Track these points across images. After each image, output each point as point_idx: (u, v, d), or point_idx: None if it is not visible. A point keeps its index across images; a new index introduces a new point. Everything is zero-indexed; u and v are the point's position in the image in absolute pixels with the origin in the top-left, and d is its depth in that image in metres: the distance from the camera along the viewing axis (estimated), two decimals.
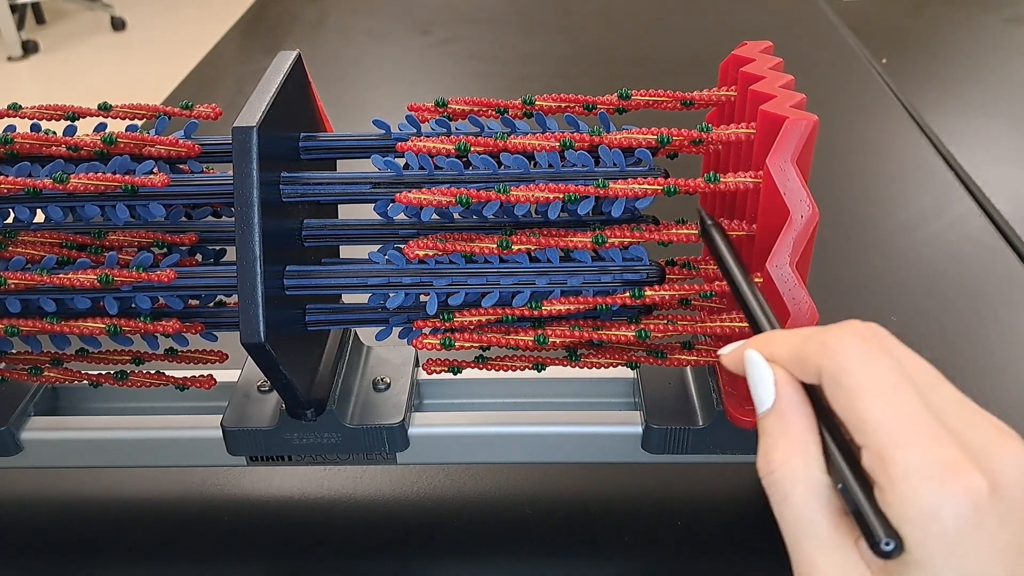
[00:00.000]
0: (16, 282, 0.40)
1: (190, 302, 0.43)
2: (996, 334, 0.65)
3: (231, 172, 0.37)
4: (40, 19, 3.31)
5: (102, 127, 0.43)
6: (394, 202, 0.39)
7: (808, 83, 0.42)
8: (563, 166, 0.40)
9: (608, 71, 1.13)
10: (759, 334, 0.30)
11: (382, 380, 0.48)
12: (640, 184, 0.38)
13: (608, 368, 0.43)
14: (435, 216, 0.40)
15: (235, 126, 0.37)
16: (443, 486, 0.52)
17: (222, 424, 0.45)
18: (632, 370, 0.48)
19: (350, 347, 0.49)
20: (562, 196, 0.38)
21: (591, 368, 0.43)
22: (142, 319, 0.41)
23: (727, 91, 0.43)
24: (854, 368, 0.24)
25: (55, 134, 0.42)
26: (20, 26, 2.99)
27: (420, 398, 0.51)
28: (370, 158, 0.42)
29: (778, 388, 0.27)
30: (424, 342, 0.40)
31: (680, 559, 0.48)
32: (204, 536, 0.50)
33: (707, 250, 0.38)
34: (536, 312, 0.40)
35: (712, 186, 0.38)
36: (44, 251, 0.42)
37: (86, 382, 0.46)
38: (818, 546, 0.24)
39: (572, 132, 0.40)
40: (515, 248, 0.39)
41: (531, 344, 0.40)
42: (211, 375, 0.46)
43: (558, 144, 0.40)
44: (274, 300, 0.38)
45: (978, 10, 1.32)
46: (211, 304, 0.44)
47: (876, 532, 0.23)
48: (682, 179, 0.39)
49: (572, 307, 0.40)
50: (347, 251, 0.46)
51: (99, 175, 0.39)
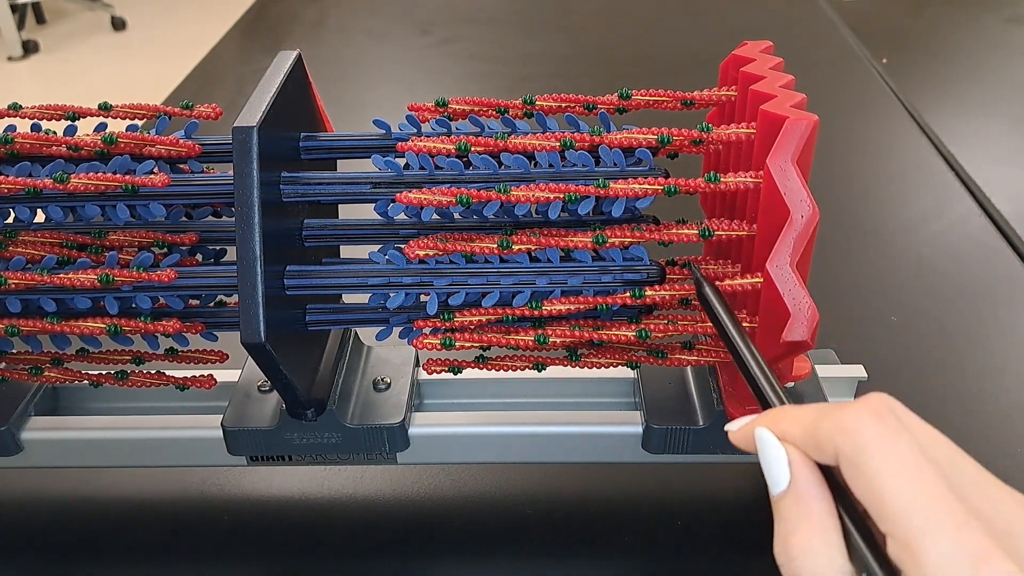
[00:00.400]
0: (16, 282, 0.40)
1: (190, 302, 0.43)
2: (996, 334, 0.65)
3: (231, 172, 0.37)
4: (40, 19, 3.31)
5: (102, 127, 0.43)
6: (394, 202, 0.39)
7: (808, 83, 0.42)
8: (563, 166, 0.40)
9: (608, 71, 1.13)
10: (769, 410, 0.29)
11: (382, 380, 0.48)
12: (640, 184, 0.38)
13: (608, 368, 0.43)
14: (435, 216, 0.40)
15: (235, 126, 0.37)
16: (443, 486, 0.52)
17: (222, 424, 0.45)
18: (632, 370, 0.48)
19: (350, 347, 0.49)
20: (562, 196, 0.38)
21: (591, 368, 0.42)
22: (142, 319, 0.41)
23: (727, 91, 0.43)
24: (873, 451, 0.23)
25: (55, 134, 0.42)
26: (20, 26, 2.99)
27: (420, 398, 0.51)
28: (370, 158, 0.42)
29: (793, 469, 0.26)
30: (424, 342, 0.40)
31: (680, 559, 0.48)
32: (204, 536, 0.50)
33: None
34: (536, 312, 0.40)
35: (712, 186, 0.38)
36: (44, 251, 0.42)
37: (86, 382, 0.46)
38: None
39: (572, 132, 0.40)
40: (515, 248, 0.39)
41: (531, 344, 0.40)
42: (211, 375, 0.46)
43: (558, 144, 0.40)
44: (274, 300, 0.38)
45: (978, 10, 1.32)
46: (211, 304, 0.44)
47: None
48: (682, 179, 0.39)
49: (572, 307, 0.40)
50: (347, 251, 0.46)
51: (99, 175, 0.39)
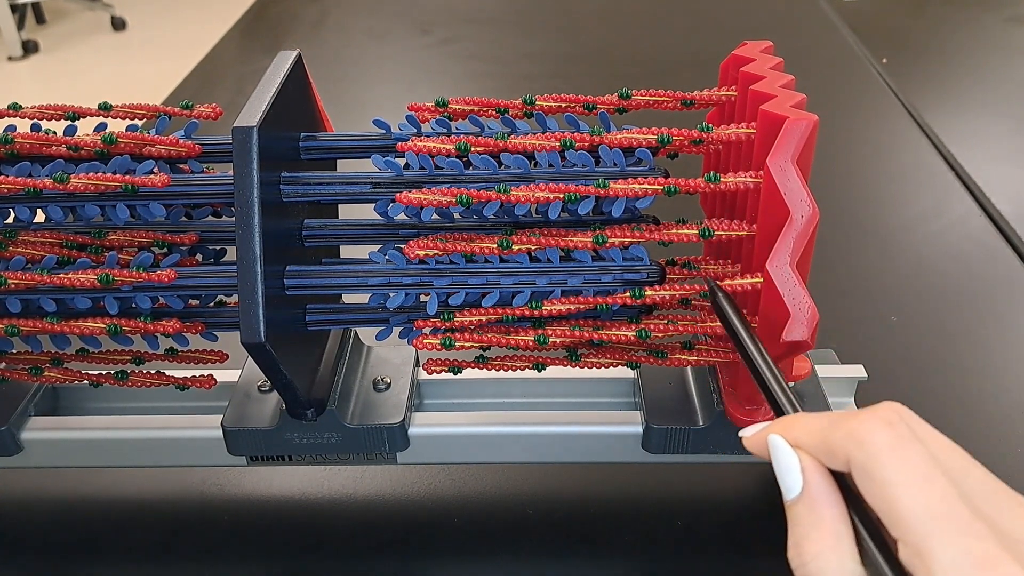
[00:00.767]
0: (16, 282, 0.40)
1: (190, 302, 0.43)
2: (996, 334, 0.65)
3: (231, 172, 0.37)
4: (40, 19, 3.31)
5: (102, 127, 0.43)
6: (394, 202, 0.39)
7: (808, 83, 0.42)
8: (563, 166, 0.40)
9: (608, 71, 1.13)
10: (782, 417, 0.29)
11: (382, 380, 0.48)
12: (640, 184, 0.38)
13: (608, 368, 0.43)
14: (435, 216, 0.40)
15: (235, 126, 0.37)
16: (443, 486, 0.52)
17: (222, 424, 0.45)
18: (632, 370, 0.48)
19: (350, 347, 0.49)
20: (562, 196, 0.38)
21: (591, 368, 0.42)
22: (142, 319, 0.41)
23: (727, 91, 0.43)
24: (884, 459, 0.24)
25: (55, 134, 0.42)
26: (20, 26, 2.99)
27: (420, 398, 0.51)
28: (370, 158, 0.42)
29: (806, 476, 0.26)
30: (424, 342, 0.40)
31: (680, 559, 0.48)
32: (204, 536, 0.50)
33: (721, 327, 0.37)
34: (536, 312, 0.40)
35: (712, 186, 0.38)
36: (44, 251, 0.42)
37: (86, 382, 0.46)
38: None
39: (572, 132, 0.40)
40: (515, 248, 0.39)
41: (531, 344, 0.40)
42: (211, 375, 0.46)
43: (558, 144, 0.40)
44: (274, 300, 0.38)
45: (978, 10, 1.32)
46: (211, 304, 0.44)
47: None
48: (682, 179, 0.39)
49: (572, 307, 0.40)
50: (347, 251, 0.46)
51: (99, 175, 0.39)
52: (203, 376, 0.46)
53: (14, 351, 0.45)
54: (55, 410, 0.51)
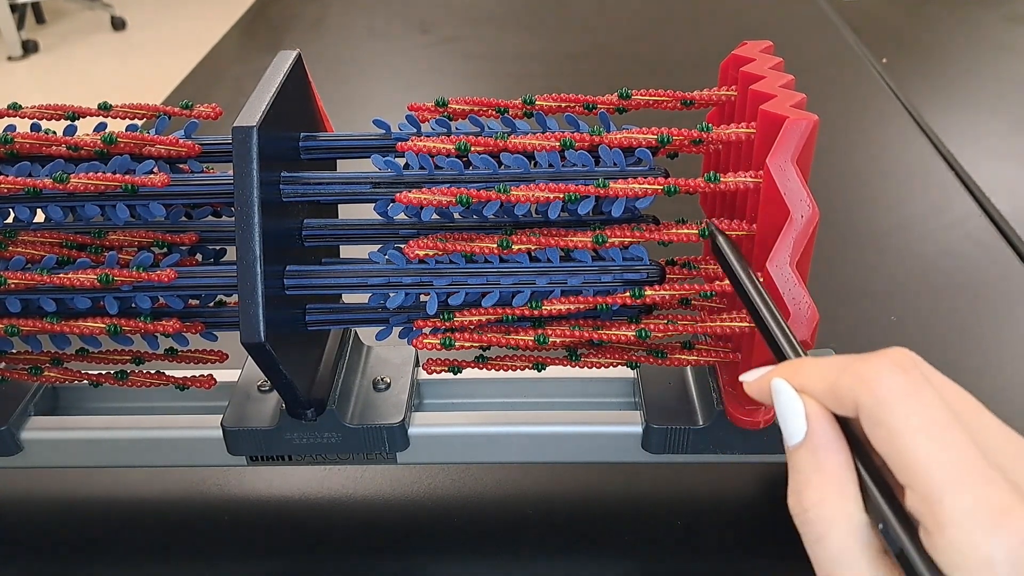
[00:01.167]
0: (16, 282, 0.40)
1: (190, 302, 0.43)
2: (995, 334, 0.65)
3: (231, 172, 0.37)
4: (40, 19, 3.31)
5: (102, 127, 0.43)
6: (394, 202, 0.39)
7: (808, 83, 0.42)
8: (563, 166, 0.40)
9: (608, 71, 1.13)
10: (786, 361, 0.28)
11: (382, 380, 0.48)
12: (640, 184, 0.38)
13: (608, 368, 0.43)
14: (435, 216, 0.40)
15: (235, 126, 0.37)
16: (443, 486, 0.52)
17: (222, 424, 0.46)
18: (632, 370, 0.48)
19: (350, 347, 0.49)
20: (562, 196, 0.38)
21: (591, 368, 0.42)
22: (142, 319, 0.41)
23: (727, 91, 0.43)
24: (896, 405, 0.23)
25: (55, 134, 0.42)
26: (20, 26, 2.99)
27: (420, 398, 0.51)
28: (370, 158, 0.42)
29: (810, 421, 0.25)
30: (424, 342, 0.40)
31: (680, 559, 0.48)
32: (204, 536, 0.50)
33: (721, 271, 0.36)
34: (536, 312, 0.40)
35: (712, 186, 0.38)
36: (44, 251, 0.42)
37: (86, 382, 0.46)
38: None
39: (572, 132, 0.40)
40: (515, 248, 0.39)
41: (531, 344, 0.40)
42: (211, 375, 0.46)
43: (558, 144, 0.40)
44: (274, 300, 0.38)
45: (978, 9, 1.32)
46: (211, 304, 0.44)
47: None
48: (682, 179, 0.39)
49: (572, 307, 0.40)
50: (347, 251, 0.46)
51: (99, 175, 0.39)
52: (203, 376, 0.46)
53: (14, 351, 0.45)
54: (55, 410, 0.51)
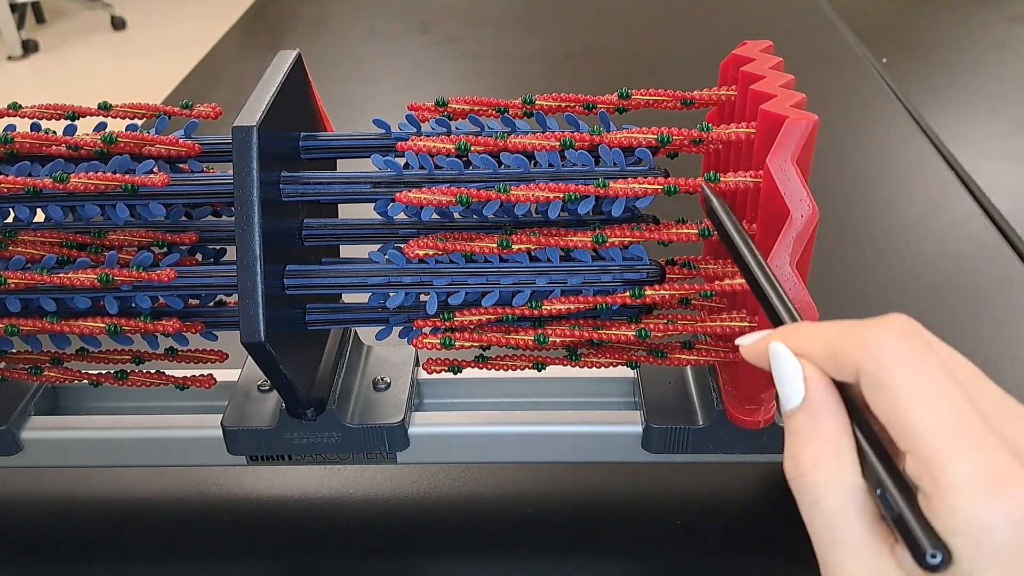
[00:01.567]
0: (16, 281, 0.40)
1: (190, 301, 0.43)
2: (995, 334, 0.65)
3: (231, 171, 0.37)
4: (40, 18, 3.31)
5: (102, 126, 0.43)
6: (394, 201, 0.39)
7: (808, 82, 0.42)
8: (563, 165, 0.40)
9: (608, 70, 1.13)
10: (785, 325, 0.28)
11: (382, 379, 0.48)
12: (640, 183, 0.38)
13: (608, 368, 0.43)
14: (435, 216, 0.40)
15: (235, 125, 0.37)
16: (443, 485, 0.52)
17: (222, 424, 0.45)
18: (632, 370, 0.48)
19: (350, 346, 0.49)
20: (562, 195, 0.38)
21: (591, 367, 0.42)
22: (142, 318, 0.41)
23: (727, 90, 0.43)
24: (897, 369, 0.23)
25: (55, 133, 0.42)
26: (20, 25, 2.99)
27: (420, 397, 0.51)
28: (370, 157, 0.42)
29: (808, 385, 0.25)
30: (424, 341, 0.40)
31: (680, 559, 0.48)
32: (204, 536, 0.50)
33: (716, 236, 0.35)
34: (536, 311, 0.40)
35: (712, 186, 0.38)
36: (44, 250, 0.42)
37: (86, 381, 0.46)
38: (853, 554, 0.23)
39: (572, 131, 0.40)
40: (515, 247, 0.39)
41: (531, 343, 0.40)
42: (211, 374, 0.46)
43: (558, 144, 0.40)
44: (274, 300, 0.38)
45: (978, 9, 1.32)
46: (211, 303, 0.44)
47: (922, 543, 0.22)
48: (682, 179, 0.39)
49: (572, 306, 0.40)
50: (347, 251, 0.46)
51: (99, 174, 0.39)
52: (203, 376, 0.46)
53: (14, 351, 0.45)
54: (55, 409, 0.51)
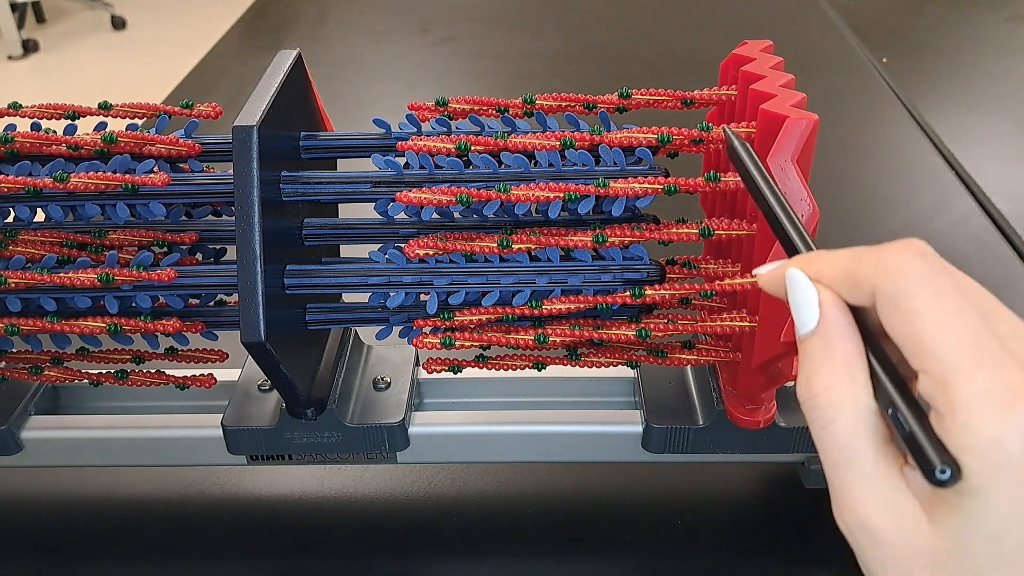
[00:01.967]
0: (16, 281, 0.40)
1: (190, 301, 0.43)
2: None
3: (231, 171, 0.37)
4: (40, 18, 3.31)
5: (102, 126, 0.43)
6: (394, 201, 0.39)
7: (808, 82, 0.42)
8: (563, 165, 0.40)
9: (608, 70, 1.13)
10: (801, 254, 0.28)
11: (382, 379, 0.48)
12: (640, 183, 0.38)
13: (608, 367, 0.43)
14: (435, 215, 0.40)
15: (235, 125, 0.37)
16: (443, 485, 0.52)
17: (222, 423, 0.45)
18: (632, 369, 0.48)
19: (350, 346, 0.49)
20: (562, 195, 0.38)
21: (591, 367, 0.42)
22: (142, 318, 0.41)
23: (727, 90, 0.43)
24: (915, 289, 0.23)
25: (55, 133, 0.42)
26: (20, 25, 2.99)
27: (420, 397, 0.51)
28: (370, 157, 0.42)
29: (823, 309, 0.25)
30: (424, 341, 0.40)
31: (680, 559, 0.48)
32: (204, 535, 0.50)
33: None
34: (536, 311, 0.40)
35: (712, 185, 0.38)
36: (44, 250, 0.42)
37: (86, 381, 0.46)
38: (862, 474, 0.23)
39: (573, 131, 0.40)
40: (515, 247, 0.39)
41: (531, 343, 0.40)
42: (211, 374, 0.46)
43: (558, 143, 0.40)
44: (274, 299, 0.38)
45: (978, 9, 1.32)
46: (211, 303, 0.44)
47: (931, 459, 0.22)
48: (682, 178, 0.39)
49: (572, 306, 0.40)
50: (347, 250, 0.46)
51: (99, 174, 0.39)
52: (203, 375, 0.46)
53: (14, 350, 0.45)
54: (55, 409, 0.51)
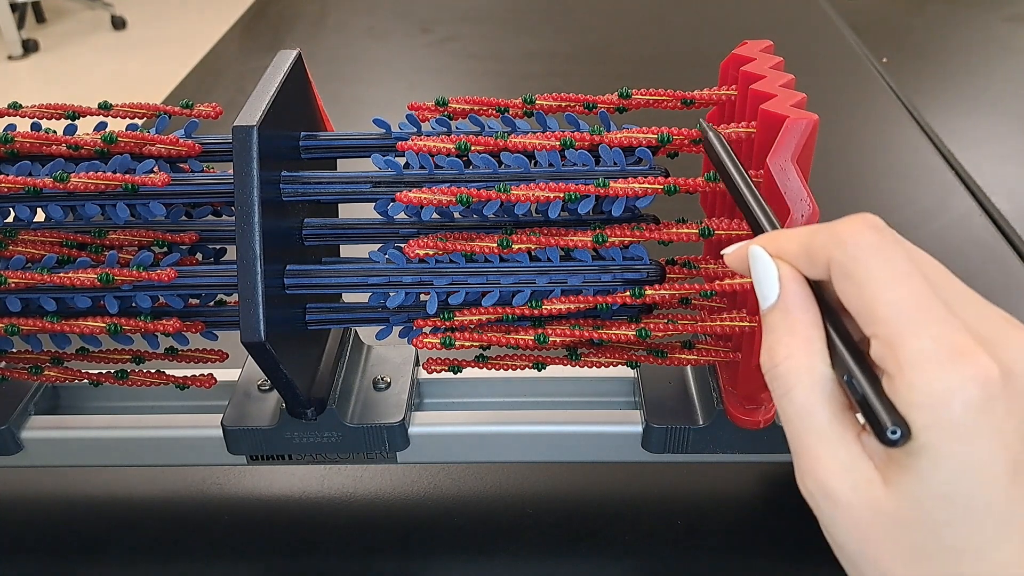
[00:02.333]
0: (16, 281, 0.40)
1: (190, 301, 0.43)
2: None
3: (231, 171, 0.37)
4: (40, 18, 3.30)
5: (102, 126, 0.43)
6: (394, 201, 0.39)
7: (808, 82, 0.42)
8: (563, 165, 0.40)
9: (608, 70, 1.13)
10: (764, 233, 0.29)
11: (382, 379, 0.48)
12: (640, 183, 0.38)
13: (608, 367, 0.43)
14: (435, 215, 0.40)
15: (235, 125, 0.37)
16: (443, 485, 0.52)
17: (222, 423, 0.46)
18: (632, 369, 0.48)
19: (350, 346, 0.49)
20: (562, 195, 0.38)
21: (591, 367, 0.42)
22: (142, 318, 0.41)
23: (727, 90, 0.43)
24: (865, 257, 0.24)
25: (55, 133, 0.42)
26: (20, 25, 2.99)
27: (420, 397, 0.51)
28: (370, 157, 0.42)
29: (783, 283, 0.26)
30: (424, 341, 0.40)
31: (680, 559, 0.48)
32: (204, 535, 0.50)
33: (706, 158, 0.37)
34: (536, 311, 0.40)
35: (712, 185, 0.38)
36: (44, 250, 0.42)
37: (86, 381, 0.46)
38: (820, 439, 0.24)
39: (572, 131, 0.40)
40: (515, 247, 0.39)
41: (531, 343, 0.40)
42: (211, 374, 0.46)
43: (558, 143, 0.40)
44: (274, 299, 0.38)
45: (978, 9, 1.32)
46: (211, 303, 0.44)
47: (882, 420, 0.22)
48: (682, 178, 0.39)
49: (572, 306, 0.40)
50: (347, 250, 0.46)
51: (99, 174, 0.39)
52: (203, 375, 0.46)
53: (14, 350, 0.45)
54: (55, 409, 0.51)
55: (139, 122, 0.45)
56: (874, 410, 0.23)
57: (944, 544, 0.22)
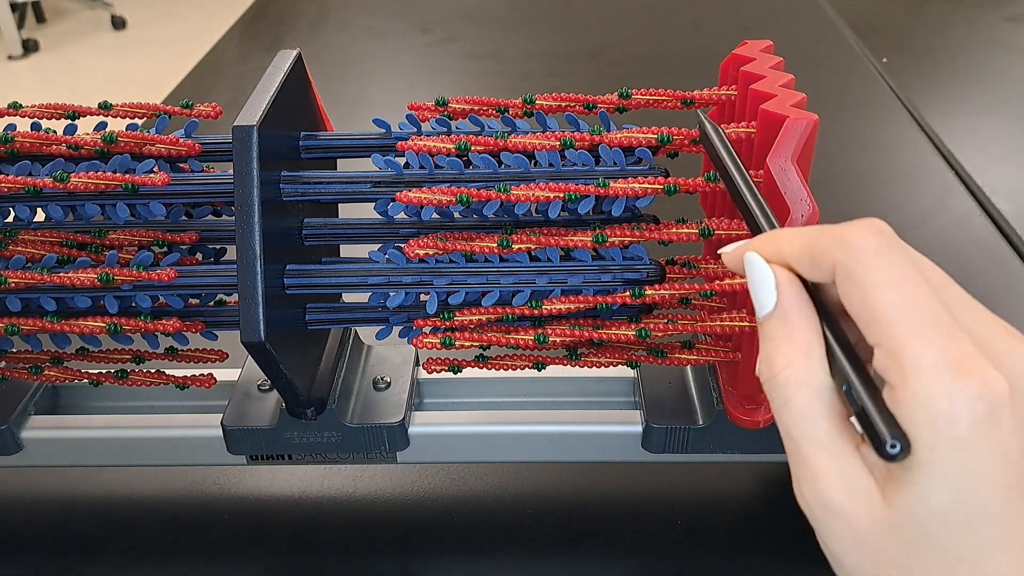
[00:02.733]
0: (16, 281, 0.40)
1: (190, 301, 0.43)
2: None
3: (231, 171, 0.37)
4: (40, 18, 3.30)
5: (102, 126, 0.43)
6: (394, 201, 0.39)
7: (808, 82, 0.42)
8: (563, 165, 0.40)
9: (608, 70, 1.13)
10: (762, 234, 0.28)
11: (382, 379, 0.48)
12: (640, 183, 0.38)
13: (608, 367, 0.43)
14: (435, 215, 0.40)
15: (235, 125, 0.37)
16: (443, 485, 0.52)
17: (222, 423, 0.45)
18: (632, 369, 0.48)
19: (350, 346, 0.49)
20: (562, 195, 0.38)
21: (591, 367, 0.42)
22: (142, 318, 0.41)
23: (727, 90, 0.43)
24: (871, 263, 0.23)
25: (55, 133, 0.42)
26: (20, 25, 2.99)
27: (420, 397, 0.51)
28: (370, 157, 0.42)
29: (780, 290, 0.25)
30: (424, 341, 0.40)
31: (680, 558, 0.48)
32: (204, 535, 0.50)
33: (706, 157, 0.36)
34: (536, 311, 0.40)
35: (712, 185, 0.38)
36: (44, 250, 0.42)
37: (86, 381, 0.46)
38: (819, 450, 0.24)
39: (572, 131, 0.40)
40: (515, 247, 0.39)
41: (531, 343, 0.40)
42: (211, 374, 0.46)
43: (558, 143, 0.40)
44: (274, 299, 0.38)
45: (978, 9, 1.32)
46: (211, 303, 0.44)
47: (882, 433, 0.22)
48: (682, 178, 0.39)
49: (572, 306, 0.40)
50: (347, 250, 0.46)
51: (99, 174, 0.39)
52: (203, 375, 0.46)
53: (14, 350, 0.45)
54: (55, 409, 0.51)
55: (139, 122, 0.45)
56: (873, 423, 0.22)
57: (941, 561, 0.22)
